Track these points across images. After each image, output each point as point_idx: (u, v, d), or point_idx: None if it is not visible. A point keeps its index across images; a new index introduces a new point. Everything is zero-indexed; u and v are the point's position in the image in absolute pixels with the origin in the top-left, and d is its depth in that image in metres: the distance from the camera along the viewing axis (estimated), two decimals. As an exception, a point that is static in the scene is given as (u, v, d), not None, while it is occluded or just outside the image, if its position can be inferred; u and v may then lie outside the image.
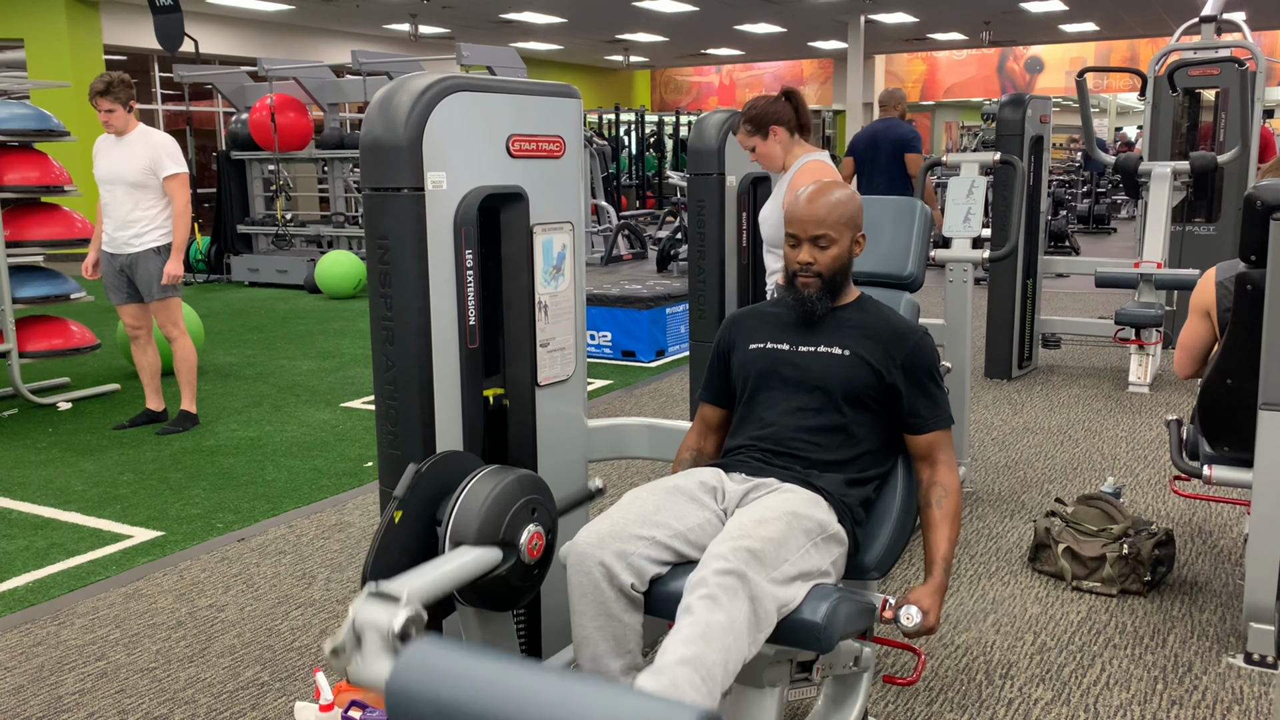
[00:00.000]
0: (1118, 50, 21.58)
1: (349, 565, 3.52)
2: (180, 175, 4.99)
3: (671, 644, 1.78)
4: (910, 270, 2.59)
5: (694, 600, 1.80)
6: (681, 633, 1.78)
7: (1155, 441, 4.90)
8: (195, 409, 5.27)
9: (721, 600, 1.78)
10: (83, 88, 5.49)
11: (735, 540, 1.85)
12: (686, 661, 1.74)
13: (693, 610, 1.79)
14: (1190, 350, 3.22)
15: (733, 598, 1.77)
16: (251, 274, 11.38)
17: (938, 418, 2.24)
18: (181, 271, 5.02)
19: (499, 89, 2.23)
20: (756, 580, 1.81)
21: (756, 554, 1.84)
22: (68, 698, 2.69)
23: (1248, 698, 2.62)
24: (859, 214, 2.27)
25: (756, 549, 1.85)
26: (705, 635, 1.76)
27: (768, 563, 1.85)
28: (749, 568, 1.81)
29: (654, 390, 6.13)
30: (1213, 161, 6.20)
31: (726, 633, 1.77)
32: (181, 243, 5.01)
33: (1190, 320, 3.21)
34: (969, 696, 2.64)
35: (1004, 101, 5.80)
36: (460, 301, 2.19)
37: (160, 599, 3.28)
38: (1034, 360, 6.53)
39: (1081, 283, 9.97)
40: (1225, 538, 3.69)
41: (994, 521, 3.87)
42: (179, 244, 4.99)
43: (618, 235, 12.67)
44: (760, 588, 1.81)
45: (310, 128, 11.47)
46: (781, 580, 1.86)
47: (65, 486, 4.37)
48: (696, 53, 23.19)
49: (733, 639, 1.78)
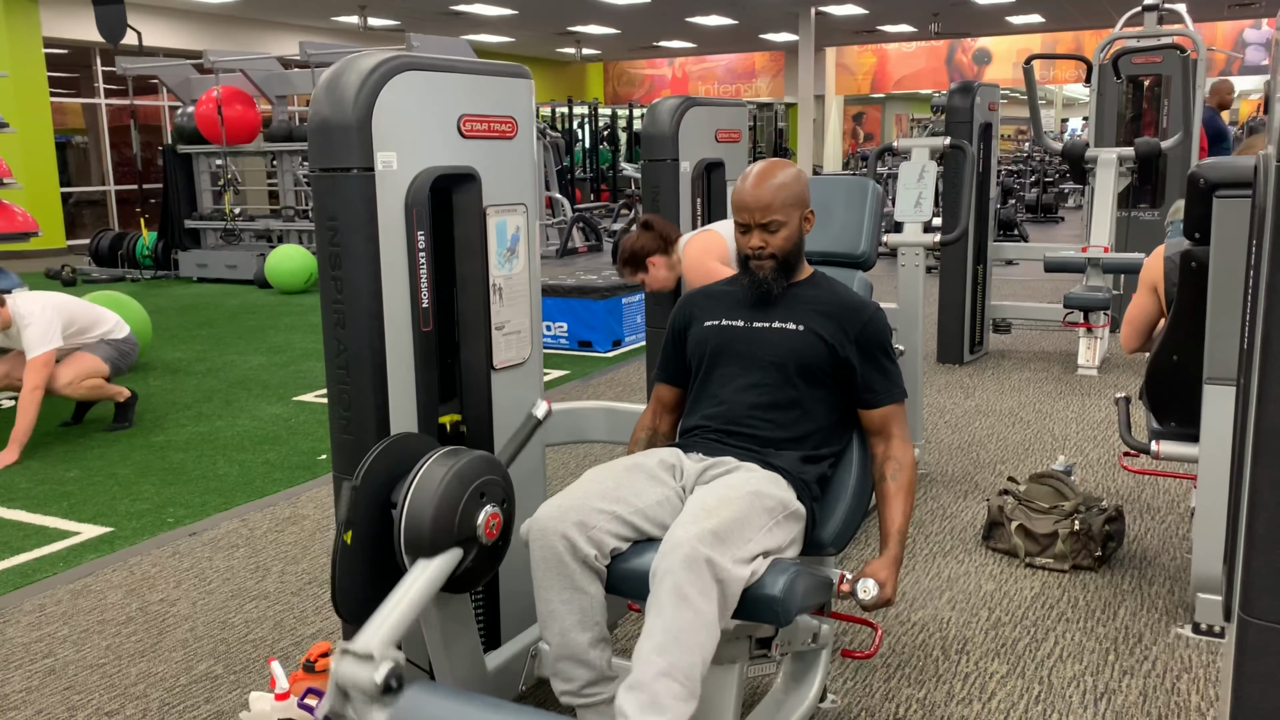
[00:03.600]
0: (1063, 41, 21.90)
1: (303, 558, 3.48)
2: (42, 356, 4.52)
3: (646, 652, 1.78)
4: (863, 249, 2.60)
5: (663, 595, 1.79)
6: (654, 638, 1.78)
7: (1104, 422, 4.99)
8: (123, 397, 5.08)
9: (691, 596, 1.77)
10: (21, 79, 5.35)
11: (699, 523, 1.85)
12: (665, 674, 1.75)
13: (663, 609, 1.78)
14: (1136, 325, 3.27)
15: (702, 591, 1.77)
16: (200, 269, 11.19)
17: (891, 392, 2.26)
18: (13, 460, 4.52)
19: (449, 68, 2.20)
20: (722, 563, 1.81)
21: (719, 535, 1.84)
22: (14, 695, 2.63)
23: (1196, 666, 2.67)
24: (805, 191, 2.28)
25: (719, 529, 1.84)
26: (679, 639, 1.76)
27: (731, 542, 1.85)
28: (714, 550, 1.80)
29: (611, 380, 6.12)
30: (1156, 147, 6.31)
31: (699, 630, 1.78)
32: (21, 434, 4.54)
33: (1138, 295, 3.26)
34: (926, 671, 2.66)
35: (954, 88, 5.86)
36: (413, 284, 2.17)
37: (109, 595, 3.21)
38: (985, 345, 6.61)
39: (1031, 269, 10.11)
40: (1173, 514, 3.76)
41: (948, 501, 3.92)
42: (17, 434, 4.54)
43: (572, 228, 12.64)
44: (726, 570, 1.81)
45: (258, 120, 11.29)
46: (745, 559, 1.86)
47: (9, 484, 4.26)
48: (649, 45, 23.18)
49: (705, 634, 1.79)
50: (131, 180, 13.82)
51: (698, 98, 3.86)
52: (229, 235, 11.52)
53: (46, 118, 13.87)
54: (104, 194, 16.04)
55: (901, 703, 2.52)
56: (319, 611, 3.07)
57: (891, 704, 2.51)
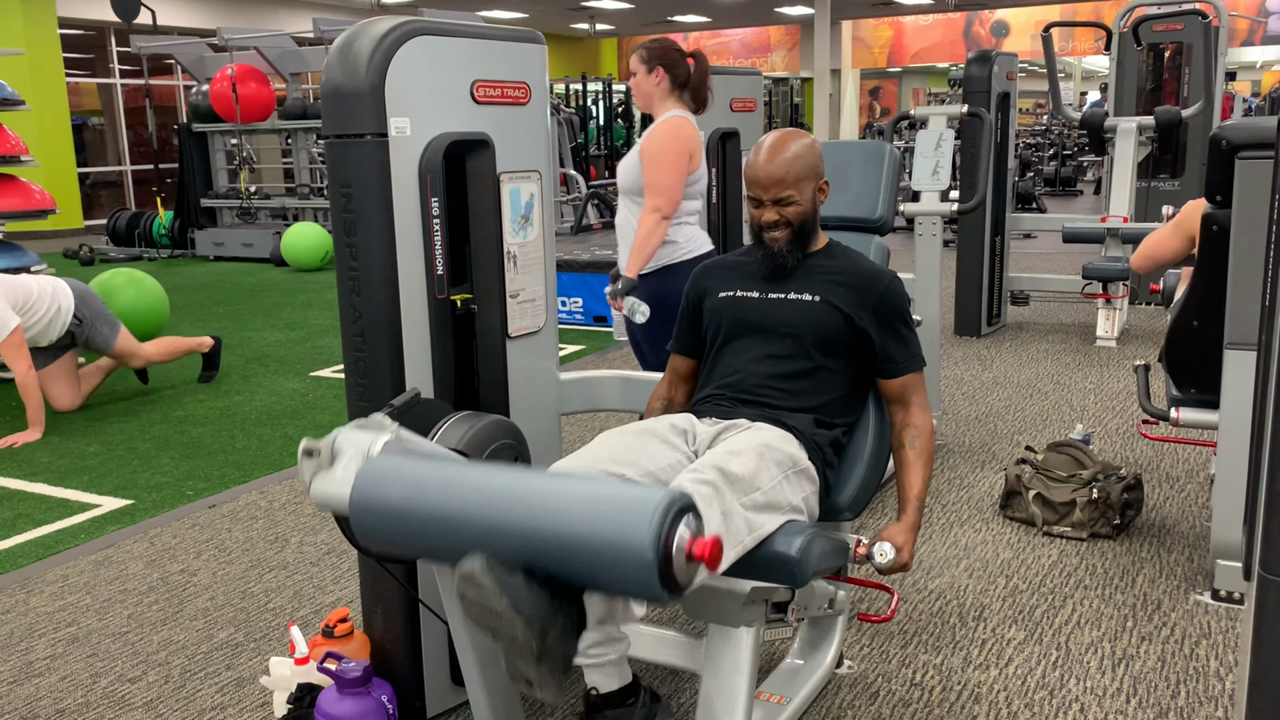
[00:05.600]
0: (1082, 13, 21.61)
1: (322, 528, 3.50)
2: (9, 340, 4.41)
3: None
4: (880, 213, 2.58)
5: None
6: None
7: (1123, 393, 4.95)
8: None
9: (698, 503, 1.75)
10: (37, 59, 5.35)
11: (708, 467, 1.85)
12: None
13: None
14: (1154, 257, 3.22)
15: (707, 505, 1.75)
16: (216, 248, 11.23)
17: (910, 361, 2.24)
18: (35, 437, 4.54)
19: (462, 33, 2.19)
20: (728, 498, 1.80)
21: (729, 477, 1.83)
22: (39, 662, 2.66)
23: (1215, 632, 2.66)
24: (819, 162, 2.26)
25: (729, 473, 1.84)
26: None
27: (739, 488, 1.84)
28: (722, 485, 1.81)
29: (626, 354, 6.12)
30: (1177, 116, 6.24)
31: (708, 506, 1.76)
32: (35, 413, 4.56)
33: (1167, 231, 3.21)
34: (943, 638, 2.66)
35: (971, 57, 5.80)
36: (427, 250, 2.16)
37: (131, 565, 3.24)
38: (1003, 317, 6.57)
39: (1049, 242, 10.04)
40: (1192, 482, 3.74)
41: (965, 472, 3.90)
42: (32, 414, 4.55)
43: (587, 204, 12.60)
44: (731, 505, 1.80)
45: (273, 98, 11.29)
46: (752, 506, 1.85)
47: (31, 459, 4.30)
48: (663, 20, 23.02)
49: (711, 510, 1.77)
50: (148, 160, 13.86)
51: (712, 66, 3.82)
52: (245, 214, 11.55)
53: (62, 97, 13.91)
54: (120, 174, 16.11)
55: (918, 668, 2.52)
56: (338, 581, 3.09)
57: (908, 669, 2.51)
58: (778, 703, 2.26)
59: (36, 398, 4.58)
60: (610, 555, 1.46)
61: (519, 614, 1.47)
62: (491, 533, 1.54)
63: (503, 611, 1.46)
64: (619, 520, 1.46)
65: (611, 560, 1.46)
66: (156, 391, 5.29)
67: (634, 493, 1.51)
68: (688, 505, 1.50)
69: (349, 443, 1.73)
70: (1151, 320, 6.65)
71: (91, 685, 2.54)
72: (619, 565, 1.45)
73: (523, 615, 1.47)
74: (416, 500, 1.62)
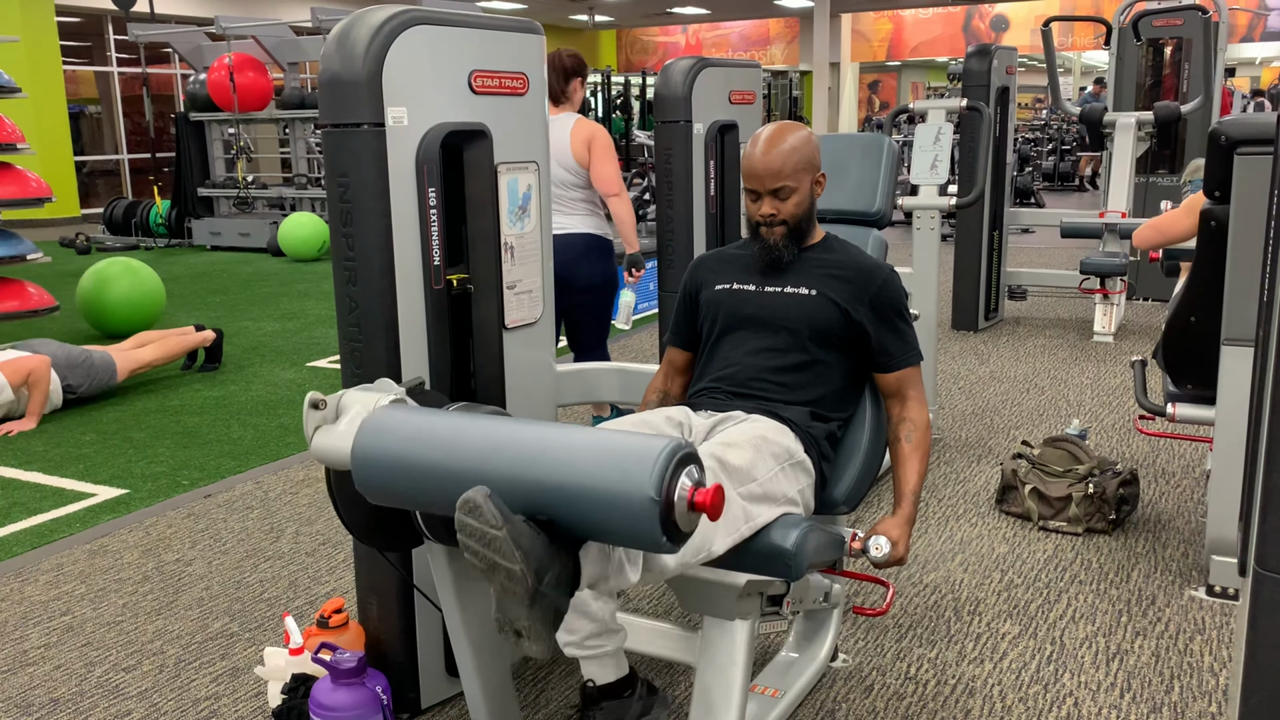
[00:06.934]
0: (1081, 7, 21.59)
1: (318, 519, 3.50)
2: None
3: None
4: (878, 206, 2.57)
5: None
6: None
7: (1119, 388, 4.96)
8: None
9: None
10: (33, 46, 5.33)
11: (705, 456, 1.85)
12: None
13: None
14: (1163, 232, 3.21)
15: None
16: (213, 238, 11.21)
17: (906, 355, 2.24)
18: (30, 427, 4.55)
19: (460, 23, 2.18)
20: (726, 486, 1.80)
21: (726, 467, 1.84)
22: (33, 651, 2.66)
23: (1209, 628, 2.67)
24: (815, 154, 2.25)
25: (727, 463, 1.85)
26: None
27: (736, 478, 1.84)
28: (719, 474, 1.81)
29: (624, 347, 6.11)
30: (1176, 111, 6.24)
31: None
32: (36, 406, 4.59)
33: (1181, 212, 3.20)
34: (938, 632, 2.67)
35: (971, 51, 5.79)
36: (424, 241, 2.16)
37: (125, 555, 3.24)
38: (1000, 312, 6.57)
39: (1047, 237, 10.04)
40: (1188, 478, 3.75)
41: (961, 466, 3.91)
42: (33, 407, 4.59)
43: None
44: (728, 494, 1.80)
45: (270, 88, 11.26)
46: (748, 497, 1.85)
47: (26, 448, 4.30)
48: (662, 11, 22.95)
49: None
50: (144, 149, 13.83)
51: (711, 58, 3.82)
52: (242, 203, 11.52)
53: (59, 85, 13.84)
54: (117, 163, 16.04)
55: (913, 662, 2.52)
56: (333, 571, 3.09)
57: (903, 663, 2.52)
58: (772, 696, 2.27)
59: (44, 390, 4.60)
60: (613, 502, 1.47)
61: (518, 546, 1.47)
62: (494, 479, 1.54)
63: (501, 540, 1.47)
64: (623, 467, 1.47)
65: (614, 506, 1.47)
66: (152, 381, 5.28)
67: (637, 441, 1.52)
68: (690, 455, 1.51)
69: (355, 400, 1.75)
70: (1149, 315, 6.65)
71: (86, 674, 2.54)
72: (621, 512, 1.46)
73: (521, 548, 1.47)
74: (418, 449, 1.63)
